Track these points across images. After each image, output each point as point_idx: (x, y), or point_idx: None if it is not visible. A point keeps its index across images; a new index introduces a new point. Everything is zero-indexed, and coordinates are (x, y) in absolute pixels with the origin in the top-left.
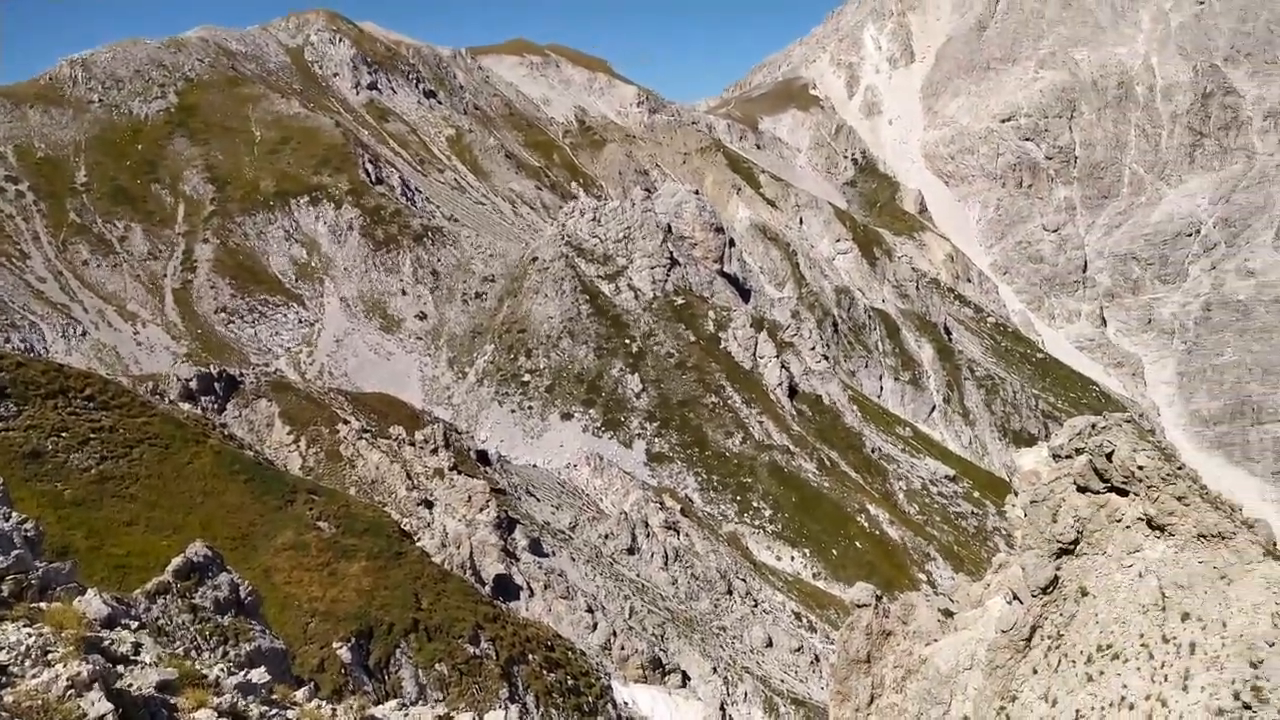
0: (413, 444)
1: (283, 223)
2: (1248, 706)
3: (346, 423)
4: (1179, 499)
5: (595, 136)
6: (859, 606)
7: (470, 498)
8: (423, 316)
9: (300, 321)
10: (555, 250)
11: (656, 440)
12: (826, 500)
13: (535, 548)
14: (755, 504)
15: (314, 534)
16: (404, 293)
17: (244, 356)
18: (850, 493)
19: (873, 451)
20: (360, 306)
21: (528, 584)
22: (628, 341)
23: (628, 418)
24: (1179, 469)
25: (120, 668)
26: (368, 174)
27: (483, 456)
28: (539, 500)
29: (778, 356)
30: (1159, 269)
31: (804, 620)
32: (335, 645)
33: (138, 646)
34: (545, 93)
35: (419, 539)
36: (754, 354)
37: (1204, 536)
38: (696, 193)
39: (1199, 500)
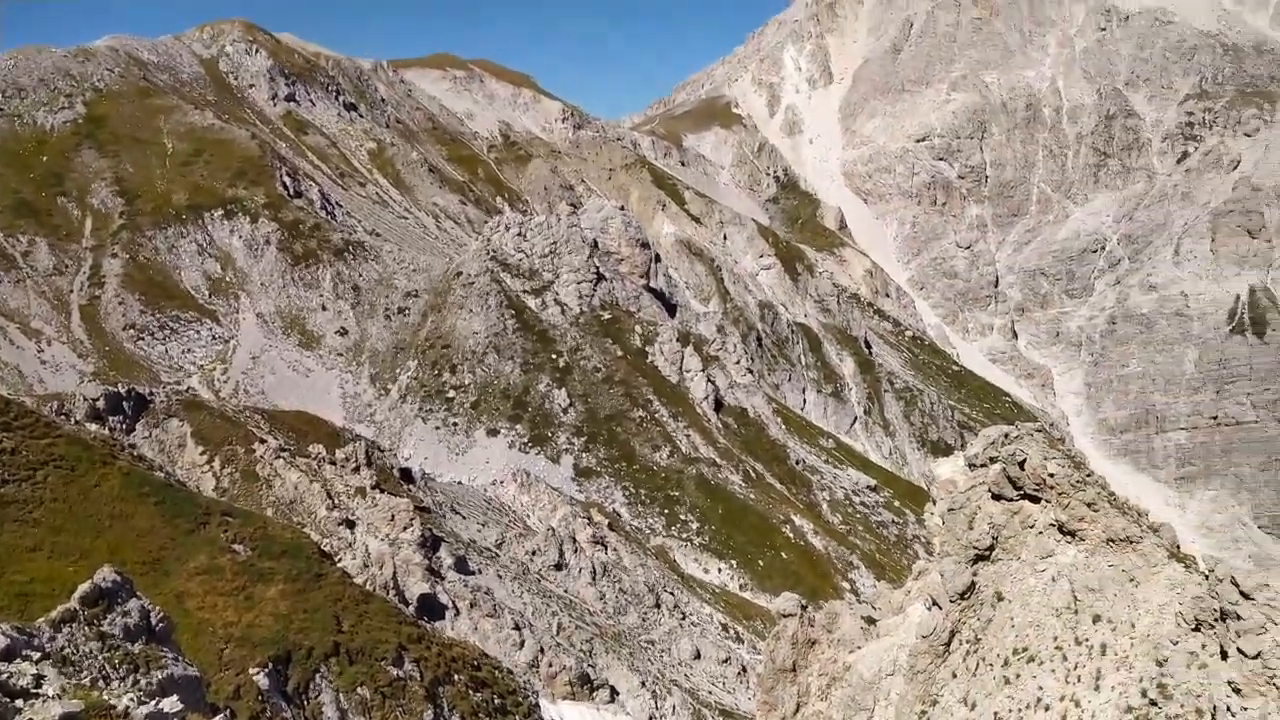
0: (333, 463)
1: (196, 237)
2: (1154, 703)
3: (263, 442)
4: (1088, 505)
5: (520, 152)
6: (784, 616)
7: (393, 516)
8: (343, 332)
9: (214, 338)
10: (480, 265)
11: (584, 455)
12: (752, 512)
13: (461, 566)
14: (683, 517)
15: (229, 557)
16: (324, 308)
17: (154, 375)
18: (776, 504)
19: (797, 463)
20: (278, 323)
21: (453, 603)
22: (554, 356)
23: (555, 433)
24: (1088, 476)
25: (20, 702)
26: (285, 187)
27: (406, 474)
28: (465, 518)
29: (704, 370)
30: (1066, 284)
31: (731, 631)
32: (251, 671)
33: (39, 679)
34: (469, 107)
35: (340, 560)
36: (681, 368)
37: (1112, 541)
38: (622, 208)
39: (1107, 506)
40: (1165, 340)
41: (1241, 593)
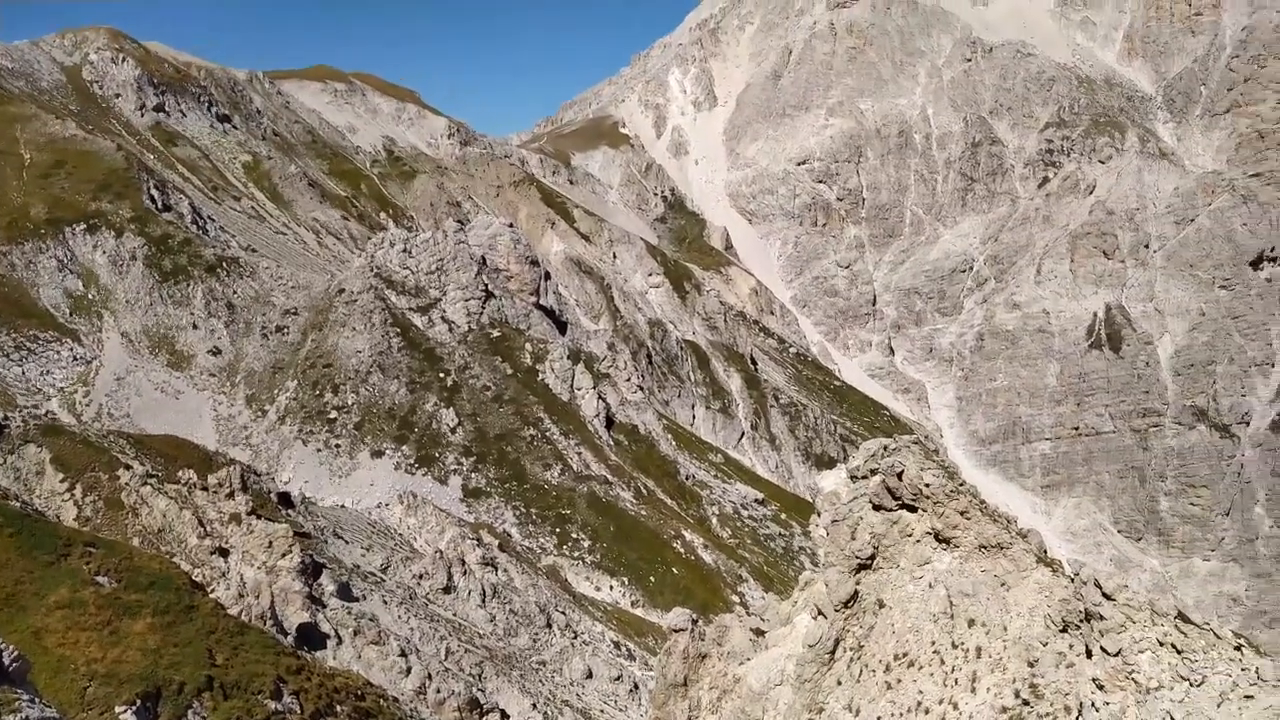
0: (205, 489)
1: (56, 252)
2: (1026, 703)
3: (128, 468)
4: (961, 513)
5: (405, 167)
6: (675, 631)
7: (271, 543)
8: (216, 352)
9: (75, 359)
10: (364, 282)
11: (473, 475)
12: (644, 528)
13: (344, 592)
14: (574, 535)
15: (92, 590)
16: (195, 327)
17: (10, 398)
18: (666, 520)
19: (687, 478)
20: (145, 342)
21: (336, 631)
22: (442, 375)
23: (443, 453)
24: (960, 485)
25: None
26: (153, 201)
27: (285, 499)
28: (348, 543)
29: (595, 388)
30: (938, 302)
31: (623, 649)
32: (118, 710)
33: None
34: (351, 121)
35: (213, 590)
36: (571, 386)
37: (985, 547)
38: (511, 225)
39: (979, 514)
40: (1029, 355)
41: (1104, 594)
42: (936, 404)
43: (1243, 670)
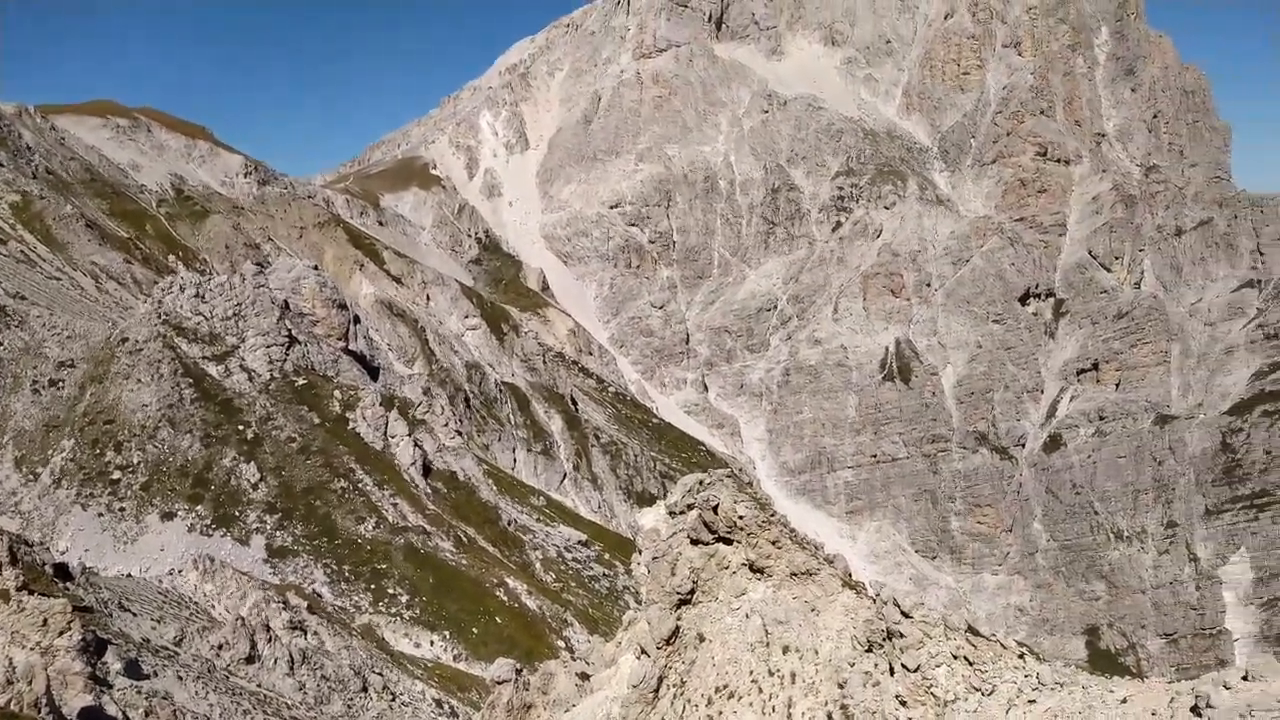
0: None
1: None
2: None
3: None
4: (773, 543)
5: (196, 207)
6: (499, 683)
7: (46, 621)
8: None
9: None
10: (151, 330)
11: (278, 534)
12: (465, 578)
13: (132, 670)
14: (391, 590)
15: None
16: None
17: None
18: (489, 568)
19: (509, 524)
20: None
21: (124, 713)
22: (241, 428)
23: (243, 511)
24: (772, 516)
25: None
26: None
27: (63, 571)
28: (136, 615)
29: (410, 435)
30: (747, 340)
31: (445, 706)
32: None
33: None
34: (135, 158)
35: None
36: (385, 434)
37: (795, 575)
38: (316, 268)
39: (789, 542)
40: (831, 388)
41: (903, 613)
42: (749, 437)
43: (1025, 677)
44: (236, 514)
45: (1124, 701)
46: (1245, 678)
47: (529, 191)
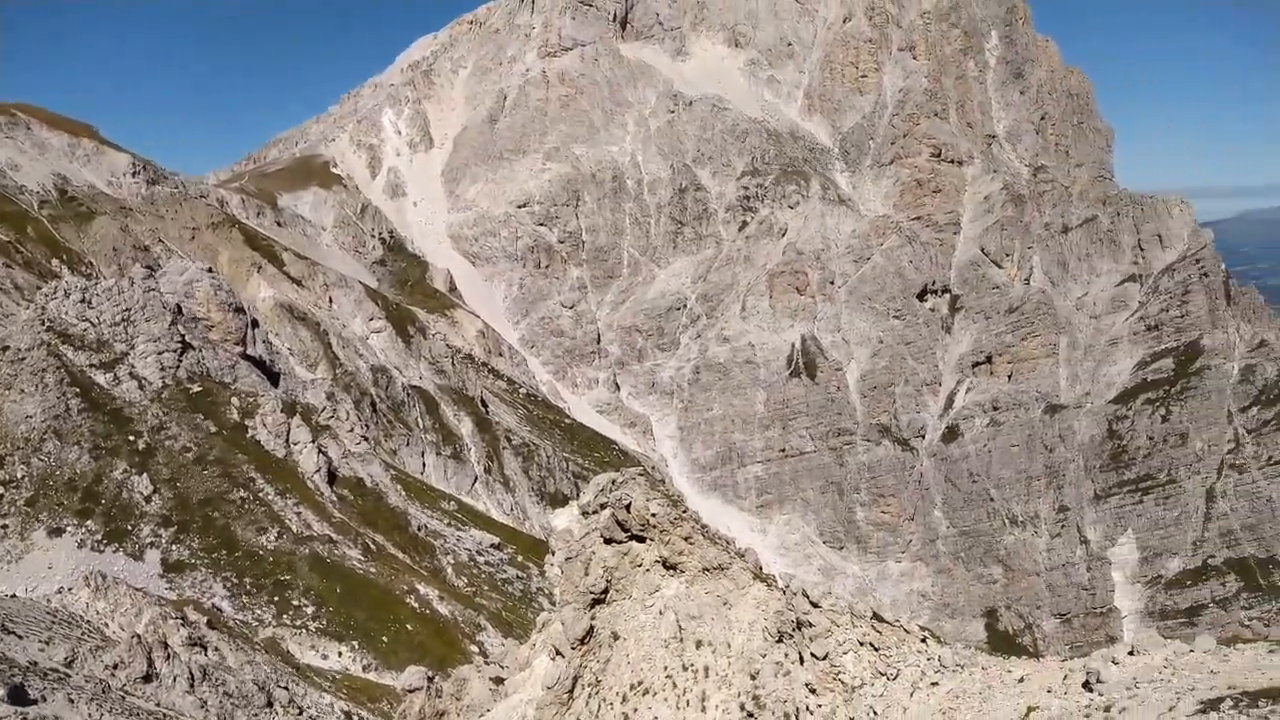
0: None
1: None
2: (751, 715)
3: None
4: (685, 539)
5: (82, 209)
6: (409, 692)
7: None
8: None
9: None
10: (33, 337)
11: (174, 548)
12: (373, 586)
13: (18, 696)
14: (296, 602)
15: None
16: None
17: None
18: (399, 575)
19: (419, 529)
20: None
21: None
22: (132, 438)
23: (136, 525)
24: (684, 513)
25: None
26: None
27: None
28: (22, 638)
29: (314, 441)
30: (657, 339)
31: (355, 718)
32: None
33: None
34: (14, 157)
35: None
36: (287, 441)
37: (708, 570)
38: (210, 270)
39: (701, 538)
40: (739, 385)
41: (811, 603)
42: (661, 435)
43: (928, 660)
44: (129, 528)
45: (1021, 680)
46: (1131, 653)
47: (434, 191)
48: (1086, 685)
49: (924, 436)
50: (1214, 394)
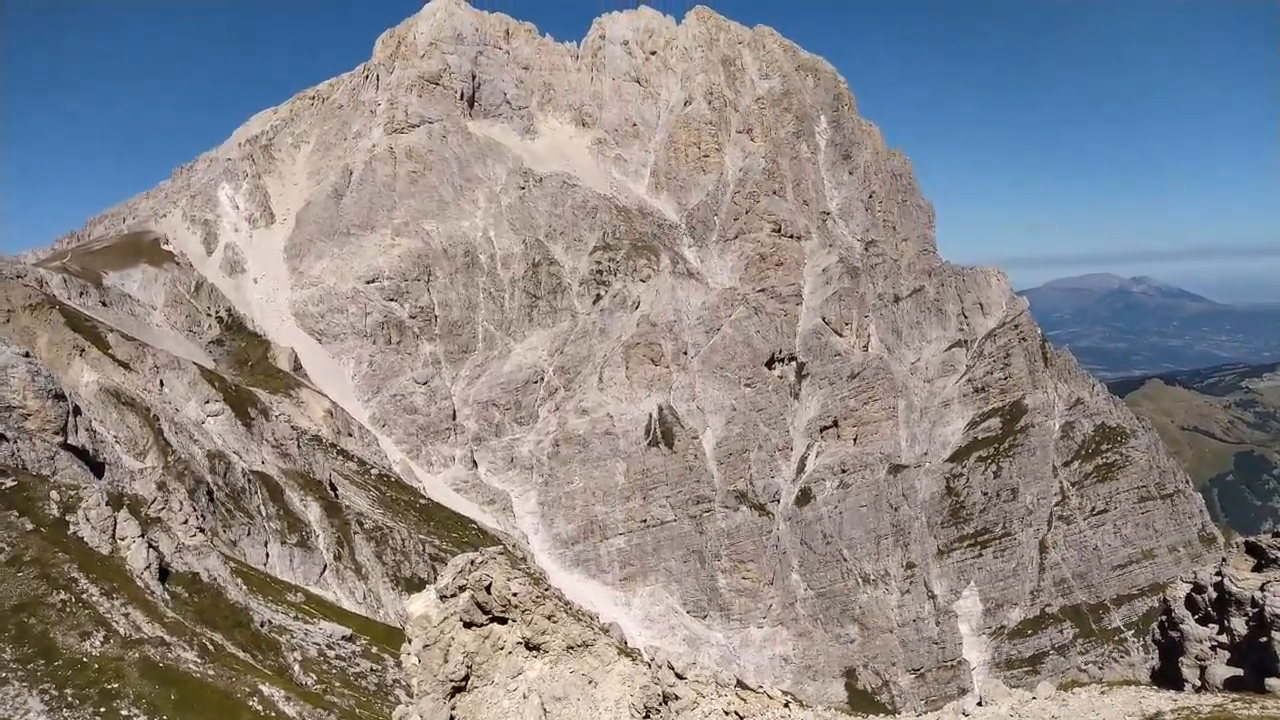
0: None
1: None
2: None
3: None
4: (548, 618)
5: None
6: None
7: None
8: None
9: None
10: None
11: None
12: (212, 690)
13: None
14: (125, 712)
15: None
16: None
17: None
18: (240, 676)
19: (262, 625)
20: None
21: None
22: None
23: None
24: (546, 590)
25: None
26: None
27: None
28: None
29: (143, 536)
30: (515, 413)
31: None
32: None
33: None
34: None
35: None
36: (113, 536)
37: (572, 648)
38: (27, 355)
39: (564, 615)
40: (599, 457)
41: (677, 675)
42: (521, 511)
43: None
44: None
45: None
46: (980, 703)
47: (276, 267)
48: None
49: (779, 500)
50: (1039, 450)
